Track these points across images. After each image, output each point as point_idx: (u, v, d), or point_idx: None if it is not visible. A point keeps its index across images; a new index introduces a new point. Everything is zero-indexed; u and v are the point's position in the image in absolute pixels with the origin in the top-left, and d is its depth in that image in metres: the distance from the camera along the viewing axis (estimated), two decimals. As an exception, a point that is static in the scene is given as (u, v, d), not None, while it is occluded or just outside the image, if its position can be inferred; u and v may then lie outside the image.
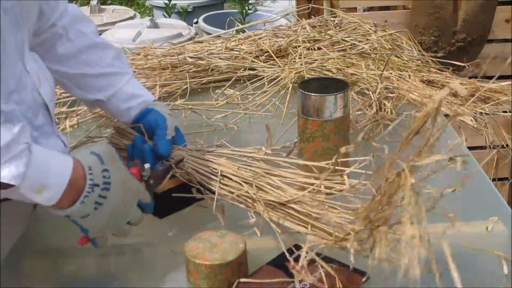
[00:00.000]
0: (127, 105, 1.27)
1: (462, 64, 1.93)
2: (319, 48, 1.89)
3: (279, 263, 1.01)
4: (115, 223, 1.02)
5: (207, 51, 1.89)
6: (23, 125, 0.90)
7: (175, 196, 1.16)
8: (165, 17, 3.92)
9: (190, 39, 2.89)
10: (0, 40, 0.95)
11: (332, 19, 2.05)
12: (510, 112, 1.71)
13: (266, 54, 1.88)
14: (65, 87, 1.31)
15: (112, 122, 1.39)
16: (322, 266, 0.96)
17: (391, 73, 1.75)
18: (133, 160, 1.16)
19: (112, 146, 1.04)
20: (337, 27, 2.00)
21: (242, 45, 1.94)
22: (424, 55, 1.96)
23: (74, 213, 0.97)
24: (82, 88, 1.27)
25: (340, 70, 1.77)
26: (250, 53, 1.88)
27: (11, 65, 1.00)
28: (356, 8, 2.66)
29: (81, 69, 1.25)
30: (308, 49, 1.87)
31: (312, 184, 1.09)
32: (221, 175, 1.15)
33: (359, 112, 1.57)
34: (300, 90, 1.26)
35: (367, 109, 1.57)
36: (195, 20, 3.59)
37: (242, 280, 0.99)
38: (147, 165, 1.14)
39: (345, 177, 1.08)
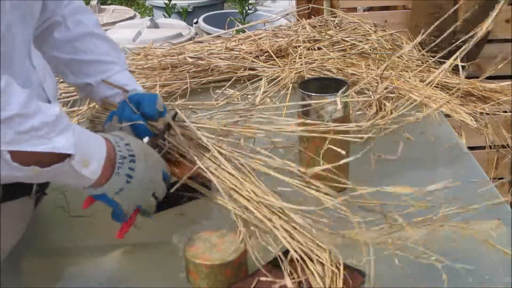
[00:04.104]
0: (114, 91, 1.26)
1: (462, 64, 1.93)
2: (319, 48, 1.89)
3: (279, 263, 1.01)
4: (145, 193, 1.05)
5: (207, 51, 1.89)
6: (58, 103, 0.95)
7: (173, 192, 1.15)
8: (165, 17, 3.92)
9: (190, 39, 2.90)
10: (10, 34, 0.96)
11: (332, 19, 2.05)
12: (510, 112, 1.71)
13: (266, 54, 1.88)
14: (60, 74, 1.31)
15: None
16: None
17: (391, 73, 1.75)
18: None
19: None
20: (337, 27, 2.00)
21: (242, 45, 1.94)
22: (424, 55, 1.96)
23: (110, 188, 1.00)
24: (75, 74, 1.27)
25: (340, 70, 1.77)
26: (250, 53, 1.88)
27: (20, 60, 1.01)
28: (356, 8, 2.66)
29: (76, 55, 1.25)
30: (308, 49, 1.87)
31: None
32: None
33: (359, 112, 1.57)
34: (300, 90, 1.26)
35: (367, 109, 1.57)
36: (195, 20, 3.60)
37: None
38: (146, 139, 1.14)
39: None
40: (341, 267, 0.94)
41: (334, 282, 0.93)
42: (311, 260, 0.96)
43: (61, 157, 0.91)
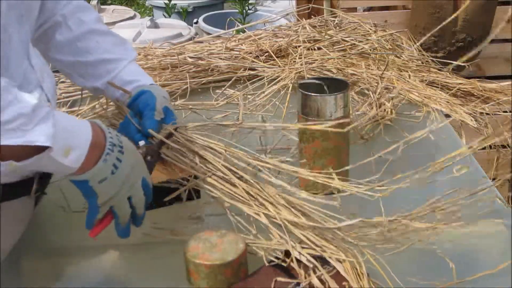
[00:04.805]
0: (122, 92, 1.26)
1: (462, 64, 1.93)
2: (319, 48, 1.89)
3: (279, 263, 1.01)
4: (123, 192, 1.02)
5: (207, 51, 1.89)
6: (39, 91, 0.92)
7: (166, 191, 1.16)
8: (165, 17, 3.92)
9: (190, 39, 2.90)
10: (6, 35, 0.96)
11: (332, 19, 2.05)
12: (510, 112, 1.71)
13: (266, 54, 1.88)
14: (68, 77, 1.32)
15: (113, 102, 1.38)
16: (322, 266, 0.96)
17: (391, 73, 1.75)
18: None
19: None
20: (337, 27, 2.00)
21: (242, 45, 1.94)
22: (424, 55, 1.96)
23: (95, 175, 0.97)
24: (82, 76, 1.27)
25: (340, 70, 1.77)
26: (250, 53, 1.88)
27: (17, 60, 1.01)
28: (356, 8, 2.67)
29: (80, 56, 1.25)
30: (308, 49, 1.87)
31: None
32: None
33: (359, 112, 1.57)
34: (300, 90, 1.26)
35: (367, 109, 1.57)
36: (195, 20, 3.60)
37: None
38: (142, 142, 1.14)
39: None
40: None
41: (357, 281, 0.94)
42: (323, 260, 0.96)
43: (40, 149, 0.88)
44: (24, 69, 1.03)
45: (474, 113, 1.62)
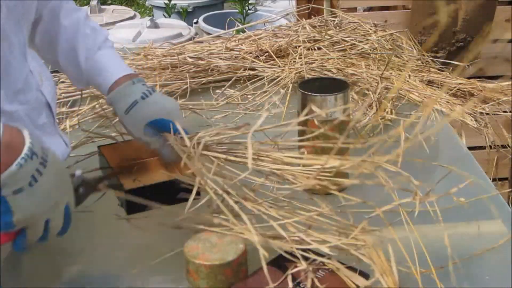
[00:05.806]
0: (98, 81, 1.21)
1: (462, 64, 1.94)
2: (319, 48, 1.89)
3: (279, 264, 1.01)
4: (43, 212, 0.91)
5: (207, 51, 1.89)
6: None
7: (158, 193, 1.14)
8: (165, 17, 3.92)
9: (190, 39, 2.90)
10: (6, 39, 0.95)
11: (332, 19, 2.05)
12: (510, 112, 1.71)
13: (266, 54, 1.88)
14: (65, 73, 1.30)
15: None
16: (322, 266, 0.96)
17: (391, 73, 1.75)
18: None
19: None
20: (337, 27, 2.01)
21: (242, 45, 1.94)
22: (424, 55, 1.96)
23: (9, 181, 0.84)
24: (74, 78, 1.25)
25: (340, 70, 1.77)
26: (250, 53, 1.88)
27: (18, 65, 1.00)
28: (356, 8, 2.67)
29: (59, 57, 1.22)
30: (308, 49, 1.88)
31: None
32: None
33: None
34: (300, 90, 1.26)
35: (367, 109, 1.57)
36: (195, 20, 3.60)
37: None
38: (77, 172, 1.03)
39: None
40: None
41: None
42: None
43: None
44: (25, 74, 1.02)
45: (474, 113, 1.62)
